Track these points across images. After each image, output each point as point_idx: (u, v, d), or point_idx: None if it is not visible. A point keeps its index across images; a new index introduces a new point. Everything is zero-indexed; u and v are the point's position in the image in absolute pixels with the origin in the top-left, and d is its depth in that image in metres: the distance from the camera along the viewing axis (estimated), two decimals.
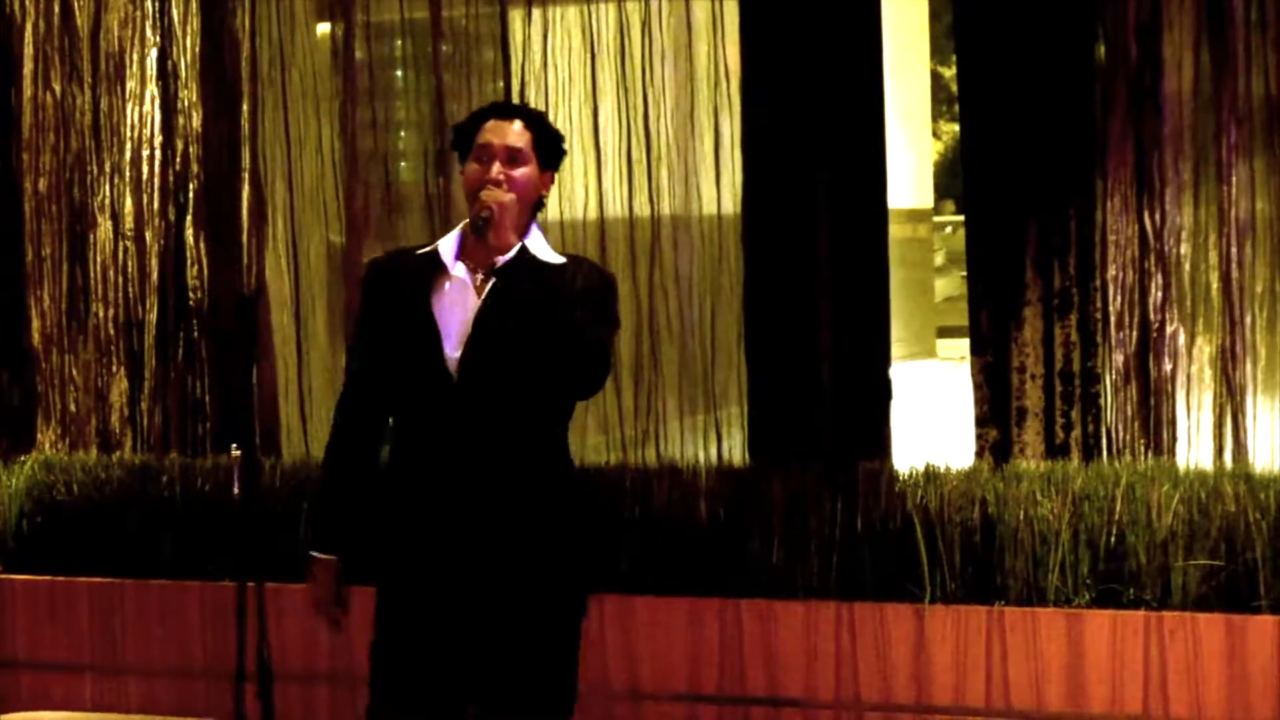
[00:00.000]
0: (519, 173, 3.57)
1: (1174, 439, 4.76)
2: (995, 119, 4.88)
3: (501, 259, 3.56)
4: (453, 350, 3.51)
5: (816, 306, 5.01)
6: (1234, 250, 4.70)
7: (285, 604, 4.99)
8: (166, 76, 5.71)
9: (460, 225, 3.61)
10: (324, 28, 5.72)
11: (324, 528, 3.59)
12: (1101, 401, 4.81)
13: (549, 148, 3.64)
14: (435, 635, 3.60)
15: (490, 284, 3.55)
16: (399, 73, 5.68)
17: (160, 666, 5.45)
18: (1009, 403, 4.87)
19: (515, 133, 3.59)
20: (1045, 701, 4.58)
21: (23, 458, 5.75)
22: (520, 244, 3.54)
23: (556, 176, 3.87)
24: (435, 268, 3.60)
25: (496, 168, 3.56)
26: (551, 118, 5.30)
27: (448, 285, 3.57)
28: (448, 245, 3.62)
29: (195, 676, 5.40)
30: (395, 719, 3.63)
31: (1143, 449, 4.77)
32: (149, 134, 5.74)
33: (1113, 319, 4.79)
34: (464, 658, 3.61)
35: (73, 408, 5.84)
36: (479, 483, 3.59)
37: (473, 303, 3.54)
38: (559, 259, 3.57)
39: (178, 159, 5.73)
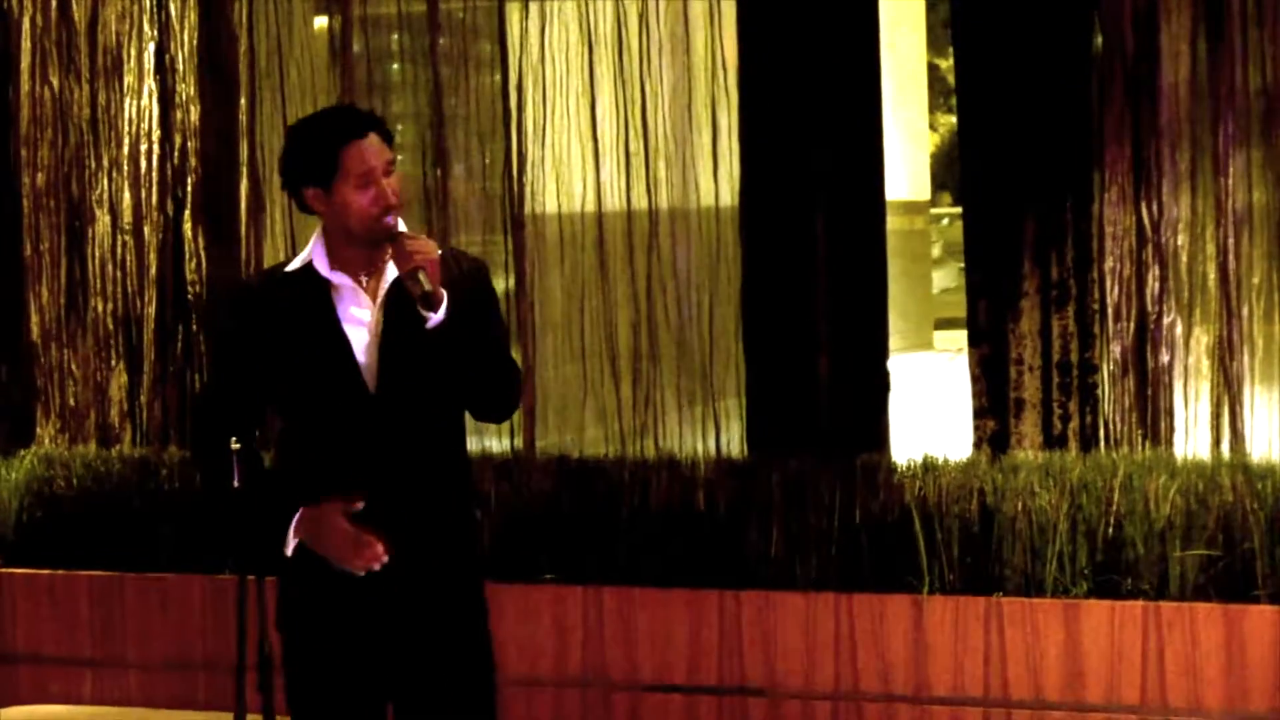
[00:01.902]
0: (396, 183, 3.53)
1: (1171, 430, 4.77)
2: (992, 111, 4.88)
3: (391, 267, 3.54)
4: (365, 361, 3.51)
5: (814, 299, 5.02)
6: (1231, 241, 4.71)
7: None
8: (164, 71, 5.71)
9: (316, 237, 3.53)
10: (321, 21, 5.73)
11: (259, 519, 3.52)
12: (1099, 393, 4.81)
13: (391, 146, 3.60)
14: (351, 636, 3.62)
15: (382, 293, 3.54)
16: (396, 66, 5.69)
17: (160, 659, 5.45)
18: (1006, 394, 4.88)
19: (382, 146, 3.51)
20: (1043, 692, 4.59)
21: (22, 452, 5.76)
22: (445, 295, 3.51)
23: (554, 168, 3.87)
24: (315, 283, 3.56)
25: (390, 192, 3.49)
26: (549, 110, 5.35)
27: (339, 300, 3.54)
28: (320, 261, 3.57)
29: (196, 669, 5.40)
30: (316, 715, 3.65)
31: (1140, 440, 4.77)
32: (147, 128, 5.74)
33: (1110, 310, 4.79)
34: (380, 656, 3.63)
35: (72, 402, 5.84)
36: (398, 488, 3.59)
37: (371, 314, 3.53)
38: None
39: (176, 153, 5.73)
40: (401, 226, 3.52)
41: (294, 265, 3.57)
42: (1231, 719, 4.45)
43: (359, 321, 3.53)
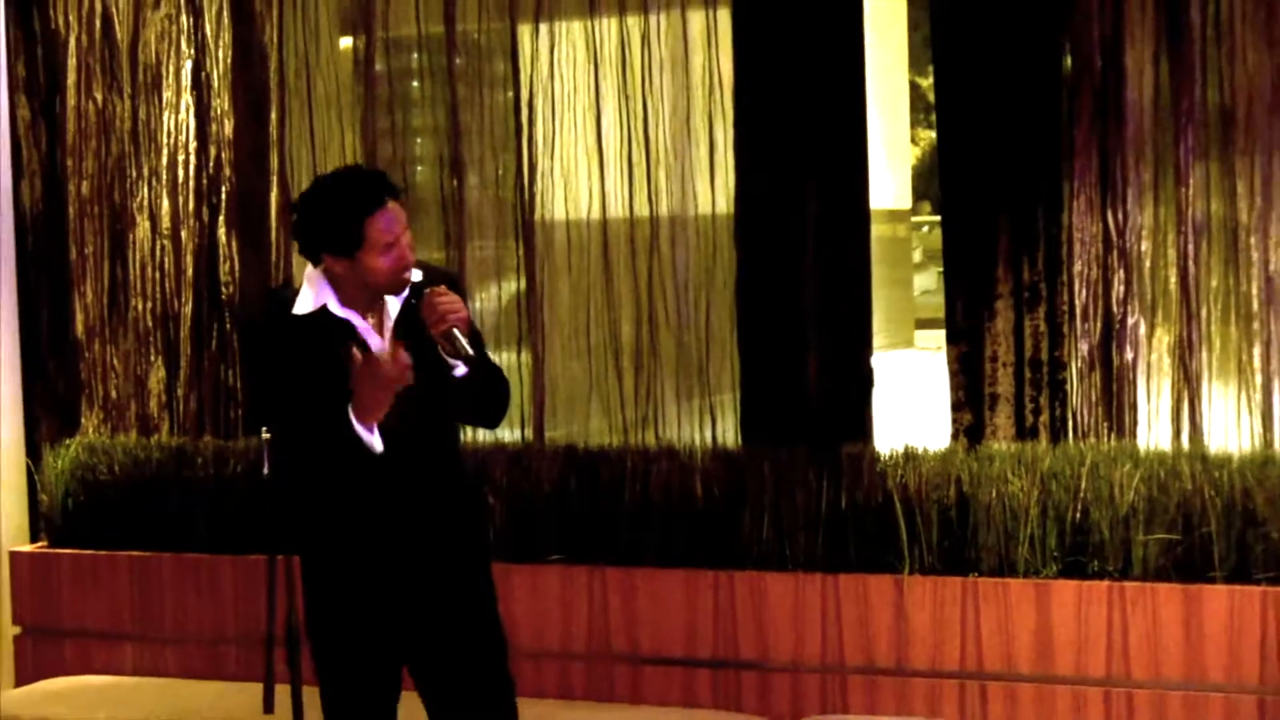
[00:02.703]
0: (410, 237, 3.55)
1: (1135, 422, 4.77)
2: (969, 126, 4.88)
3: (394, 303, 3.56)
4: None
5: (803, 300, 5.02)
6: (1191, 248, 4.71)
7: None
8: (200, 86, 5.72)
9: (319, 279, 3.51)
10: (346, 41, 5.73)
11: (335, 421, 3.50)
12: (1067, 387, 4.81)
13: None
14: (369, 611, 3.65)
15: (388, 329, 3.57)
16: (416, 83, 5.68)
17: (195, 634, 5.46)
18: (982, 389, 4.88)
19: (399, 211, 3.52)
20: (1015, 666, 4.59)
21: (68, 441, 5.76)
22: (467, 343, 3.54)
23: (563, 177, 3.90)
24: (335, 324, 3.57)
25: (408, 251, 3.51)
26: (558, 125, 5.36)
27: (354, 334, 3.56)
28: (334, 305, 3.57)
29: (228, 643, 5.41)
30: (342, 681, 3.67)
31: (1106, 431, 4.77)
32: (184, 140, 5.74)
33: (1078, 311, 4.79)
34: (397, 629, 3.66)
35: (114, 394, 5.84)
36: (411, 486, 3.63)
37: (380, 343, 3.55)
38: (417, 274, 3.55)
39: (211, 163, 5.73)
40: (416, 275, 3.53)
41: (305, 309, 3.54)
42: (1190, 689, 4.45)
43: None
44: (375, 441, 3.44)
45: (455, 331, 3.43)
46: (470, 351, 3.46)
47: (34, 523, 5.81)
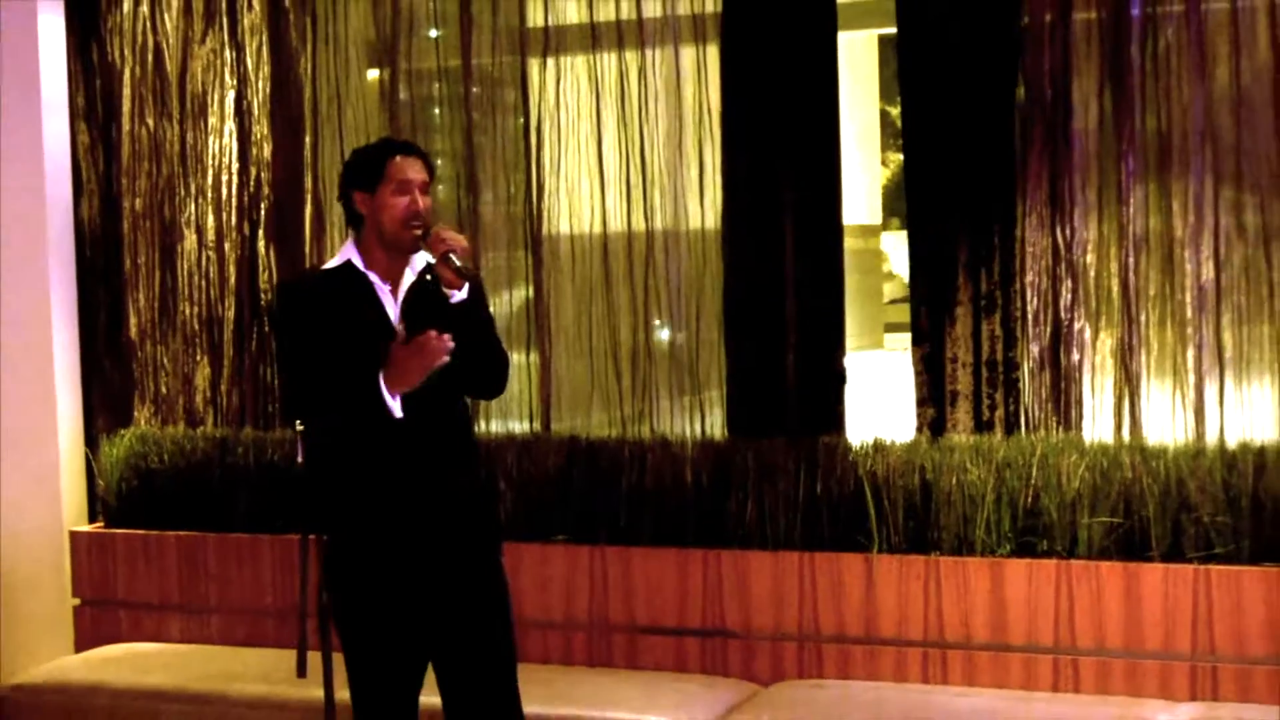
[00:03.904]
0: (428, 201, 3.61)
1: (1080, 417, 4.77)
2: (933, 150, 4.88)
3: (409, 272, 3.60)
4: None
5: (783, 306, 5.02)
6: (1131, 260, 4.71)
7: None
8: (242, 114, 5.72)
9: (349, 243, 3.59)
10: (373, 73, 5.73)
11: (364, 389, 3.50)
12: (1020, 386, 4.81)
13: (432, 178, 3.67)
14: (391, 593, 3.62)
15: (401, 295, 3.58)
16: (436, 110, 5.68)
17: (236, 605, 5.46)
18: (944, 386, 4.88)
19: (423, 168, 3.60)
20: (973, 635, 4.60)
21: (122, 432, 5.76)
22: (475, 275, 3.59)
23: (567, 196, 3.91)
24: (355, 276, 3.60)
25: (424, 201, 3.57)
26: (563, 148, 5.36)
27: (373, 293, 3.59)
28: (358, 262, 3.62)
29: (266, 614, 5.41)
30: (368, 665, 3.65)
31: (1054, 425, 4.77)
32: (227, 161, 5.74)
33: (1030, 317, 4.79)
34: (416, 608, 3.63)
35: (164, 390, 5.84)
36: (424, 463, 3.61)
37: (393, 306, 3.58)
38: (430, 258, 3.60)
39: (251, 182, 5.73)
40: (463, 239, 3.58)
41: (331, 265, 3.61)
42: (1129, 657, 4.46)
43: (387, 315, 3.57)
44: (396, 407, 3.46)
45: (452, 255, 3.46)
46: (466, 268, 3.47)
47: (92, 506, 5.81)
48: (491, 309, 3.80)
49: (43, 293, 5.69)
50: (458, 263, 3.47)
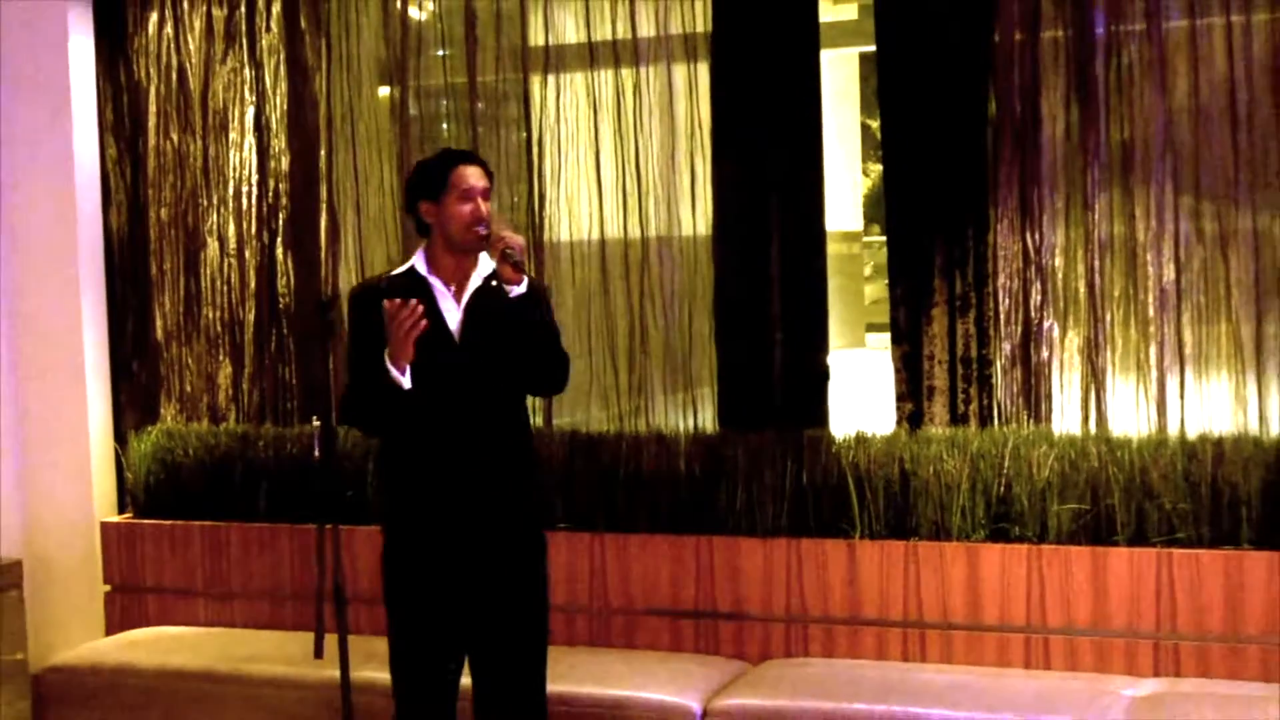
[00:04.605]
0: (490, 208, 3.61)
1: (1050, 410, 4.77)
2: (910, 161, 4.88)
3: (476, 276, 3.60)
4: (456, 343, 3.55)
5: (770, 307, 5.02)
6: (1097, 263, 4.72)
7: (355, 542, 5.01)
8: (261, 129, 5.72)
9: (419, 251, 3.59)
10: (384, 90, 5.73)
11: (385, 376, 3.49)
12: (993, 381, 4.82)
13: (491, 183, 3.67)
14: (439, 576, 3.61)
15: (467, 295, 3.58)
16: (444, 125, 5.68)
17: (258, 591, 5.46)
18: (921, 382, 4.88)
19: (483, 175, 3.61)
20: (950, 616, 4.60)
21: (150, 428, 5.76)
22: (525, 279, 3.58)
23: (567, 205, 3.91)
24: (418, 280, 3.60)
25: (485, 206, 3.58)
26: (563, 160, 5.36)
27: (432, 296, 3.59)
28: (421, 266, 3.62)
29: (285, 599, 5.41)
30: (413, 664, 3.65)
31: (1025, 418, 4.78)
32: (247, 174, 5.74)
33: (1002, 317, 4.80)
34: (463, 609, 3.62)
35: (188, 389, 5.84)
36: (479, 451, 3.60)
37: (457, 315, 3.57)
38: (493, 260, 3.61)
39: (270, 193, 5.73)
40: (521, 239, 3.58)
41: (399, 271, 3.62)
42: (1097, 635, 4.46)
43: (450, 319, 3.57)
44: (404, 380, 3.45)
45: (509, 251, 3.47)
46: (520, 259, 3.47)
47: (121, 497, 5.81)
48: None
49: (74, 298, 5.69)
50: (516, 258, 3.50)
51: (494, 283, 3.55)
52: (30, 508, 5.72)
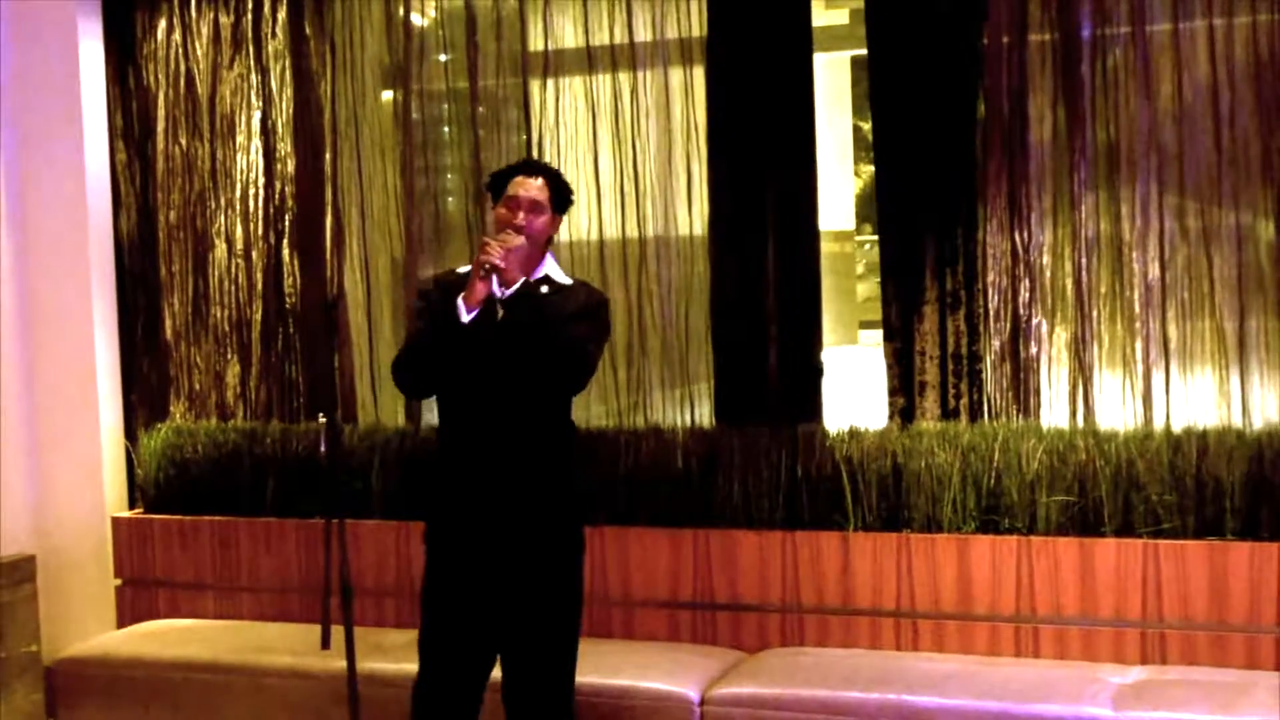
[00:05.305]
0: (538, 220, 3.63)
1: (1038, 405, 4.78)
2: (901, 162, 4.89)
3: (509, 290, 3.62)
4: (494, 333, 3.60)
5: (765, 305, 5.02)
6: (1083, 261, 4.72)
7: (361, 536, 5.02)
8: (267, 133, 5.71)
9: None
10: (388, 94, 5.73)
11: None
12: (983, 376, 4.82)
13: (561, 198, 3.71)
14: (474, 593, 3.63)
15: (511, 290, 3.60)
16: (445, 128, 5.68)
17: (265, 584, 5.46)
18: (913, 378, 4.89)
19: (537, 188, 3.66)
20: (941, 606, 4.61)
21: (159, 425, 5.76)
22: (523, 278, 3.61)
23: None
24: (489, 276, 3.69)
25: (521, 216, 3.62)
26: (562, 162, 5.35)
27: (494, 290, 3.66)
28: (501, 261, 3.71)
29: (292, 592, 5.41)
30: (441, 660, 3.65)
31: (1015, 412, 4.78)
32: (254, 177, 5.74)
33: (991, 314, 4.80)
34: (495, 611, 3.63)
35: (197, 387, 5.84)
36: (508, 444, 3.61)
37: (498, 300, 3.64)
38: (568, 280, 3.67)
39: (276, 196, 5.73)
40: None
41: (466, 268, 3.74)
42: (1084, 624, 4.47)
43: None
44: (463, 312, 3.57)
45: (484, 269, 3.58)
46: (490, 268, 3.56)
47: (132, 493, 5.81)
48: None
49: (85, 299, 5.69)
50: (485, 268, 3.56)
51: (543, 288, 3.62)
52: (43, 504, 5.72)
